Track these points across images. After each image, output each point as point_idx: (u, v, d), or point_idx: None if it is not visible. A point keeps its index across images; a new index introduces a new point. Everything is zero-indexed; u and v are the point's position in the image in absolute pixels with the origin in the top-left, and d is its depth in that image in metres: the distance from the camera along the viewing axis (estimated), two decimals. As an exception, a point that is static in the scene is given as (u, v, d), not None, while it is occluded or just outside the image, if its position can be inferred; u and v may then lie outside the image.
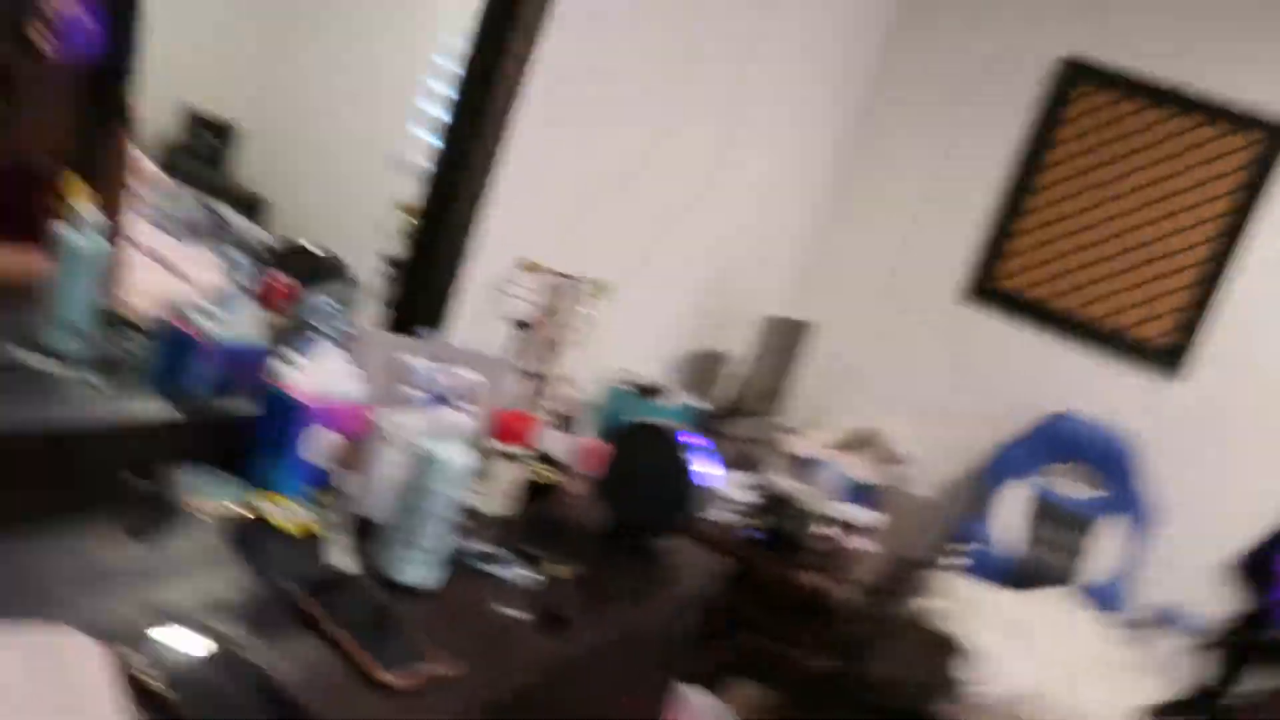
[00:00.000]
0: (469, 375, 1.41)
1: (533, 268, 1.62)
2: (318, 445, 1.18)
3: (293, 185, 4.45)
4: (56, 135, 2.24)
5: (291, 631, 0.92)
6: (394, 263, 1.83)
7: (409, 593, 1.07)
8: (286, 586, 0.97)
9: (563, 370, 1.64)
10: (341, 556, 1.08)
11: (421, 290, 1.49)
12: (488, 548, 1.24)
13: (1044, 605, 2.67)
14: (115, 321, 1.49)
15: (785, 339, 2.87)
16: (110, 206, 2.37)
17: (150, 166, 3.56)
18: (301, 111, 4.48)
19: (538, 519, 1.41)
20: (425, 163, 1.56)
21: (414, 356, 1.36)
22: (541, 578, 1.21)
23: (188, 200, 3.34)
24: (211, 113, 4.54)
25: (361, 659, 0.91)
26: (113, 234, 2.36)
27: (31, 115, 2.16)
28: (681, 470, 1.43)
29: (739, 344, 2.85)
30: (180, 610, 0.88)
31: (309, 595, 0.96)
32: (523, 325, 1.62)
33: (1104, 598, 2.81)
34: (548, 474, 1.52)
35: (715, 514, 2.13)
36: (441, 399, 1.37)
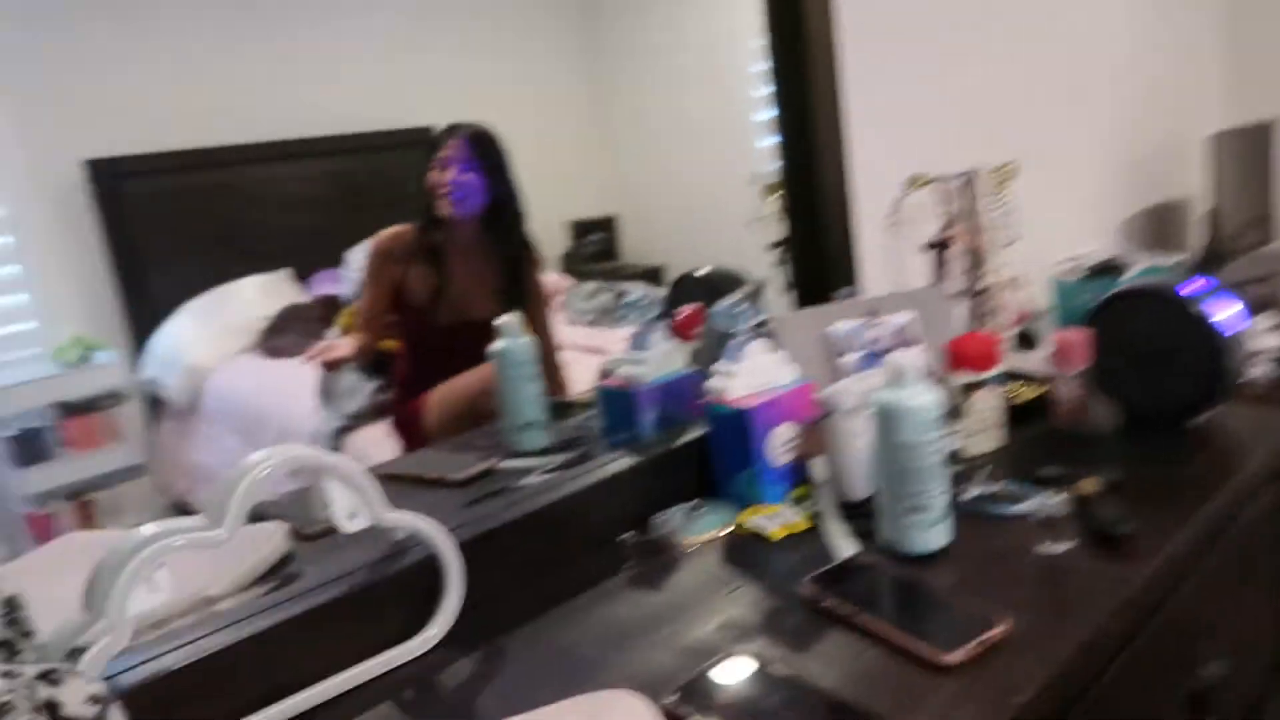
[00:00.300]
0: (901, 318, 1.28)
1: (922, 182, 1.45)
2: (777, 443, 1.12)
3: (675, 246, 4.62)
4: (481, 277, 2.52)
5: (824, 636, 0.85)
6: (782, 244, 1.77)
7: (926, 560, 0.96)
8: (804, 591, 0.90)
9: (999, 276, 1.45)
10: (844, 544, 1.00)
11: (817, 256, 1.39)
12: (990, 487, 1.09)
13: None
14: (563, 409, 1.58)
15: (1247, 151, 2.34)
16: (536, 319, 2.61)
17: (555, 277, 3.90)
18: (663, 183, 4.67)
19: (1034, 442, 1.22)
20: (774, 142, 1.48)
21: (837, 321, 1.27)
22: (1065, 499, 1.02)
23: (591, 289, 3.60)
24: (592, 216, 4.90)
25: (911, 644, 0.80)
26: (543, 340, 2.60)
27: (459, 271, 2.47)
28: (1194, 327, 1.17)
29: (1189, 181, 2.37)
30: (707, 644, 0.85)
31: (829, 593, 0.89)
32: (937, 246, 1.45)
33: None
34: (1026, 390, 1.32)
35: (1253, 367, 1.74)
36: (881, 351, 1.26)
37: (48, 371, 3.40)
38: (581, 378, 2.88)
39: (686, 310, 1.58)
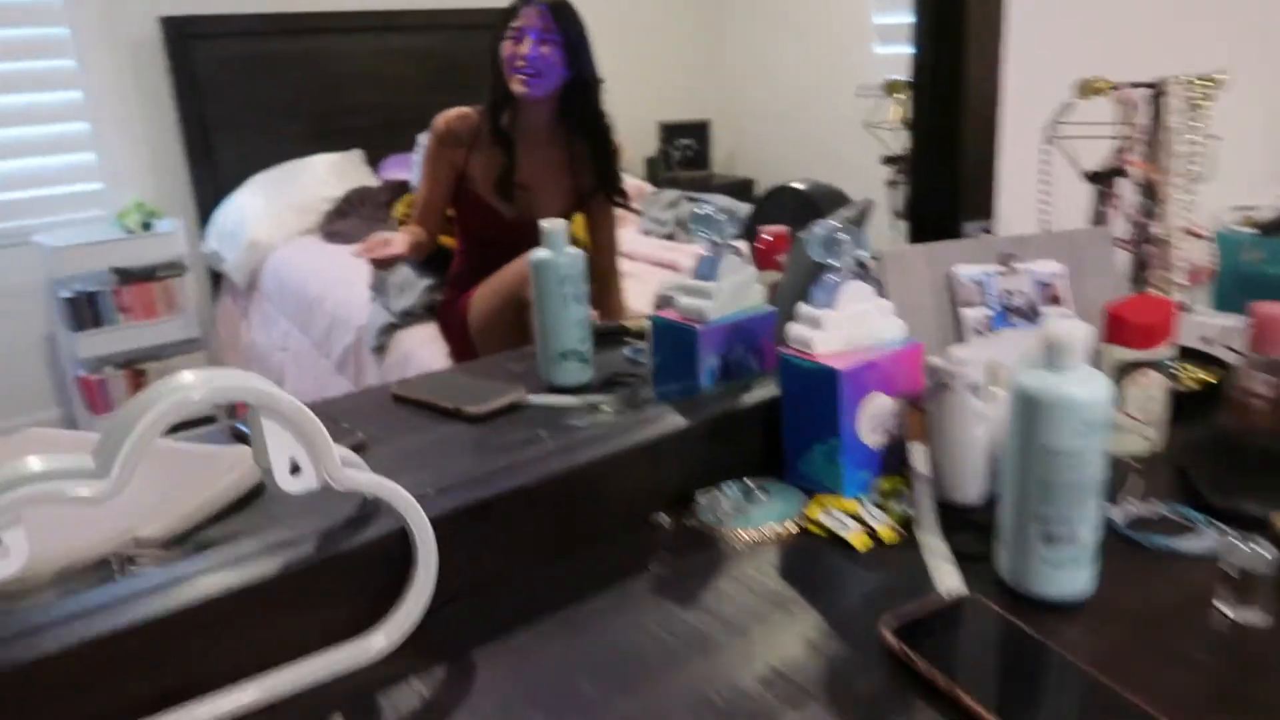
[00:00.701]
0: (1047, 267, 1.00)
1: (1098, 88, 1.14)
2: (868, 418, 0.86)
3: (772, 159, 4.26)
4: (551, 167, 2.27)
5: (910, 709, 0.61)
6: (900, 160, 1.47)
7: (1061, 610, 0.70)
8: (885, 636, 0.66)
9: (1180, 220, 1.13)
10: (946, 573, 0.75)
11: (946, 176, 1.10)
12: (1145, 508, 0.82)
13: None
14: (614, 337, 1.34)
15: None
16: (602, 224, 2.35)
17: (635, 182, 3.59)
18: (765, 87, 4.28)
19: (1200, 448, 0.93)
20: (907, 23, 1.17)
21: (962, 263, 0.99)
22: (1266, 547, 0.75)
23: (672, 198, 3.29)
24: (684, 119, 4.55)
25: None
26: (604, 249, 2.34)
27: (528, 159, 2.21)
28: None
29: None
30: (745, 701, 0.62)
31: (919, 647, 0.64)
32: (1104, 176, 1.15)
33: None
34: (1201, 374, 1.03)
35: None
36: (1020, 310, 0.98)
37: (109, 235, 3.30)
38: (647, 295, 2.63)
39: (771, 231, 1.31)
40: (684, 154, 4.31)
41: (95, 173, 3.34)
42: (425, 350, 2.33)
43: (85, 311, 3.14)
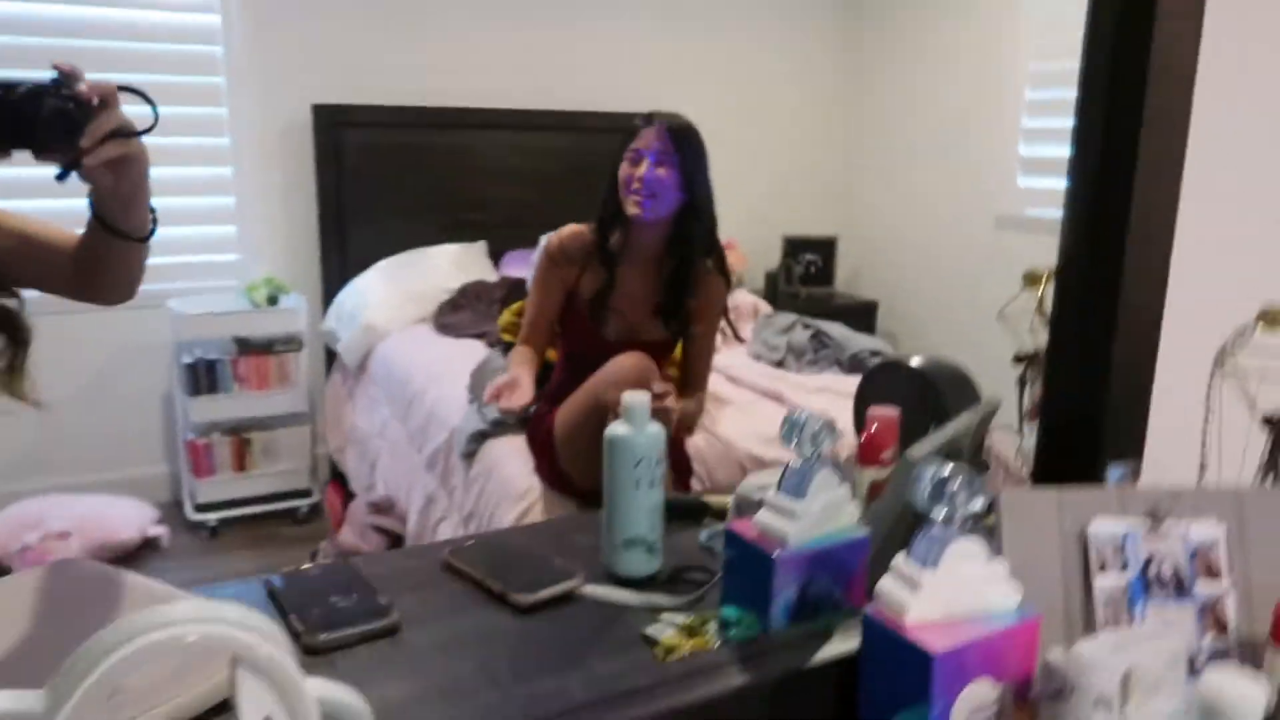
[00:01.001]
0: (1206, 530, 0.83)
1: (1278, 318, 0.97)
2: (965, 709, 0.71)
3: (898, 281, 4.10)
4: (656, 291, 2.19)
5: None
6: (1031, 359, 1.32)
7: None
8: None
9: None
10: None
11: (1086, 399, 0.95)
12: None
13: None
14: (692, 512, 1.22)
15: None
16: (701, 356, 2.24)
17: (752, 299, 3.48)
18: (898, 209, 4.16)
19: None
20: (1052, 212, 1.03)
21: (1100, 518, 0.83)
22: None
23: (787, 323, 3.16)
24: (809, 235, 4.44)
25: None
26: (697, 385, 2.22)
27: (634, 281, 2.14)
28: None
29: None
30: None
31: None
32: (1280, 424, 0.98)
33: None
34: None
35: None
36: (1166, 582, 0.81)
37: (235, 306, 3.39)
38: (749, 427, 2.50)
39: (881, 417, 1.17)
40: (807, 269, 4.20)
41: (233, 245, 3.47)
42: (511, 464, 2.26)
43: (203, 378, 3.22)
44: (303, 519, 3.34)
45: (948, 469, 0.73)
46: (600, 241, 2.12)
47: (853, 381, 2.78)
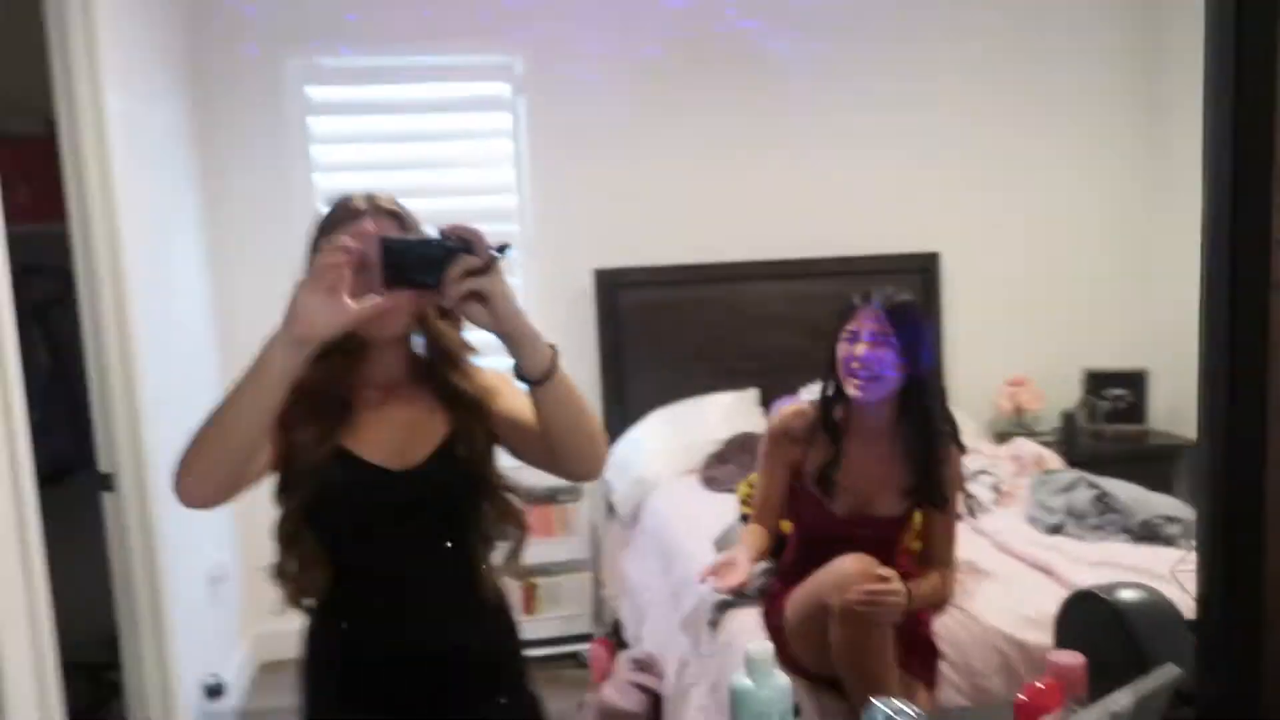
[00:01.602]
0: None
1: None
2: None
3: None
4: (885, 467, 2.12)
5: None
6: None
7: None
8: None
9: None
10: None
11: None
12: None
13: None
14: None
15: None
16: (939, 530, 2.12)
17: (1034, 448, 3.22)
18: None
19: None
20: None
21: None
22: None
23: (1067, 481, 2.87)
24: (1116, 368, 4.06)
25: None
26: (938, 558, 2.10)
27: (861, 457, 2.10)
28: None
29: None
30: None
31: None
32: None
33: None
34: None
35: None
36: None
37: (515, 459, 3.70)
38: (1009, 605, 2.28)
39: (1062, 667, 1.06)
40: (1114, 405, 3.81)
41: (525, 405, 3.81)
42: (748, 634, 2.24)
43: (493, 528, 3.53)
44: (584, 662, 3.50)
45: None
46: (825, 417, 2.11)
47: (1144, 554, 2.46)
